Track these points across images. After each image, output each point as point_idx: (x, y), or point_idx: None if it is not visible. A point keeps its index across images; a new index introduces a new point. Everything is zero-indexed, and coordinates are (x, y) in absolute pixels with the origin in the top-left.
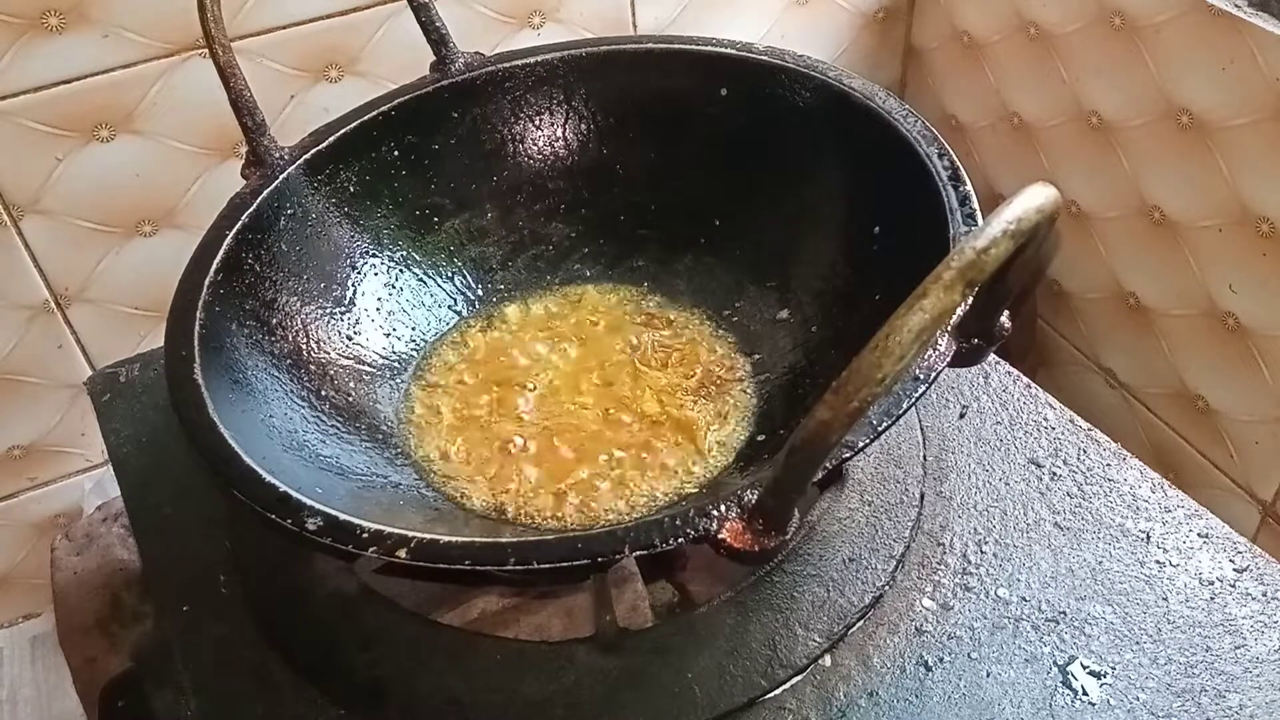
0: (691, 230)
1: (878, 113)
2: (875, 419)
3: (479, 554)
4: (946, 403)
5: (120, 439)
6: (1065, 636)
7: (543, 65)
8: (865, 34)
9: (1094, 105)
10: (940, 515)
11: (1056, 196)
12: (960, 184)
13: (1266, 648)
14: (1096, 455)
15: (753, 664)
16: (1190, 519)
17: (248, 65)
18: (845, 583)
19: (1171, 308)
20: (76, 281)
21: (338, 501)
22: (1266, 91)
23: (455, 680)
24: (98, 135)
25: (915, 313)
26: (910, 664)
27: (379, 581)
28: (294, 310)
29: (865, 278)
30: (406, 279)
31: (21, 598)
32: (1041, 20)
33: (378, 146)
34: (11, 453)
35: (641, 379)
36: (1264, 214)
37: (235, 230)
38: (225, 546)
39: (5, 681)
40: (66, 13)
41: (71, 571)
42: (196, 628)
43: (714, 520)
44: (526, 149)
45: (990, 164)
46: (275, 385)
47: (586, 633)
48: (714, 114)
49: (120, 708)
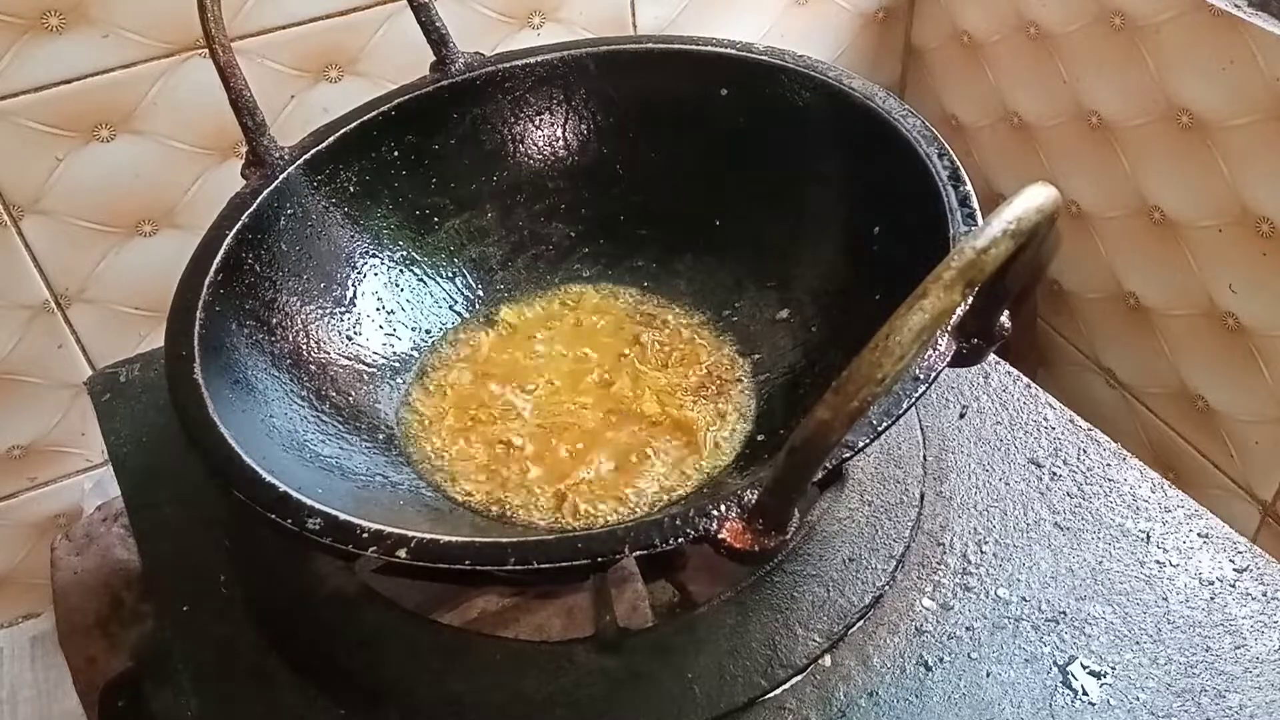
0: (691, 230)
1: (878, 113)
2: (875, 419)
3: (479, 554)
4: (946, 403)
5: (120, 439)
6: (1065, 636)
7: (543, 65)
8: (865, 34)
9: (1094, 105)
10: (940, 515)
11: (1056, 196)
12: (960, 184)
13: (1266, 648)
14: (1096, 455)
15: (753, 664)
16: (1190, 519)
17: (248, 65)
18: (845, 583)
19: (1171, 308)
20: (76, 281)
21: (338, 501)
22: (1266, 91)
23: (455, 680)
24: (98, 135)
25: (915, 313)
26: (910, 664)
27: (379, 581)
28: (294, 310)
29: (865, 278)
30: (406, 279)
31: (21, 598)
32: (1041, 20)
33: (378, 146)
34: (11, 453)
35: (641, 379)
36: (1264, 214)
37: (235, 230)
38: (225, 546)
39: (5, 681)
40: (66, 13)
41: (71, 571)
42: (196, 628)
43: (714, 520)
44: (526, 149)
45: (990, 164)
46: (275, 385)
47: (586, 633)
48: (714, 114)
49: (120, 708)
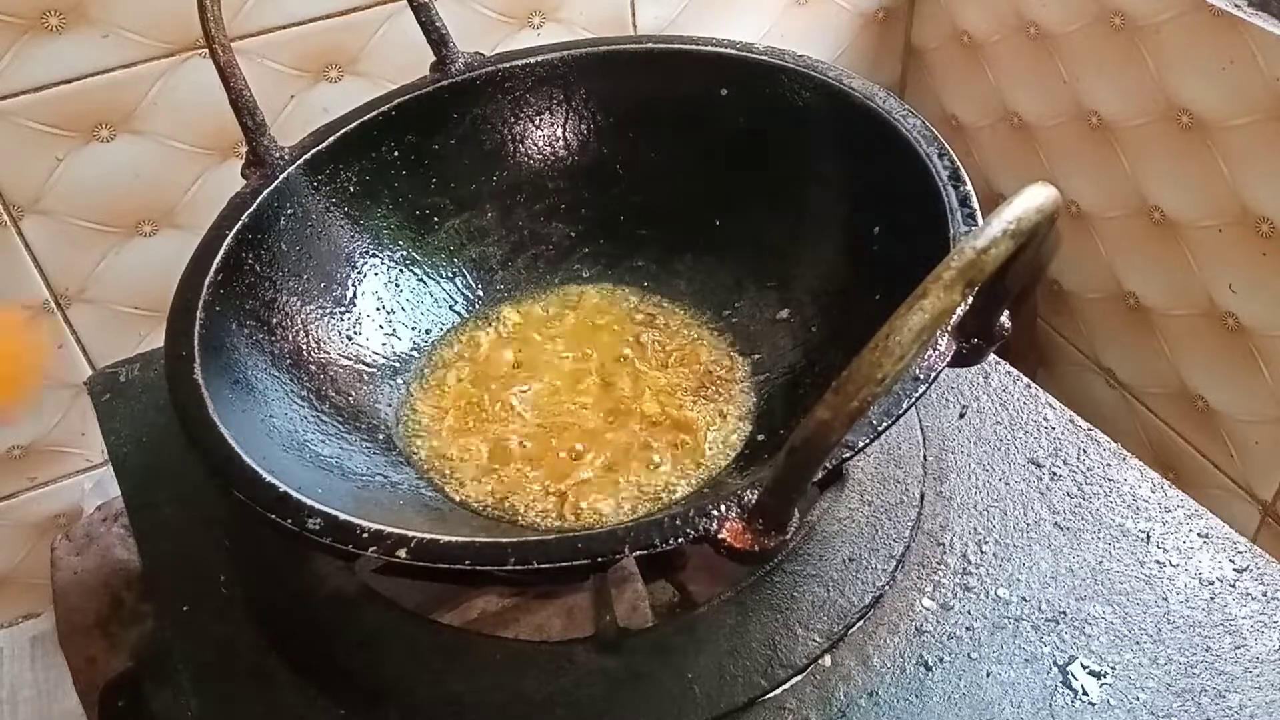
0: (691, 230)
1: (878, 112)
2: (875, 419)
3: (479, 554)
4: (946, 403)
5: (120, 439)
6: (1065, 636)
7: (543, 65)
8: (865, 34)
9: (1094, 105)
10: (940, 515)
11: (1056, 196)
12: (960, 184)
13: (1266, 648)
14: (1096, 455)
15: (753, 664)
16: (1190, 519)
17: (248, 65)
18: (845, 583)
19: (1171, 308)
20: (76, 281)
21: (338, 501)
22: (1266, 91)
23: (455, 680)
24: (98, 135)
25: (915, 313)
26: (910, 664)
27: (379, 581)
28: (294, 310)
29: (865, 278)
30: (406, 279)
31: (21, 598)
32: (1041, 20)
33: (378, 146)
34: (11, 453)
35: (641, 379)
36: (1264, 214)
37: (235, 230)
38: (225, 546)
39: (5, 681)
40: (66, 13)
41: (71, 571)
42: (196, 628)
43: (714, 520)
44: (526, 149)
45: (990, 164)
46: (275, 385)
47: (586, 633)
48: (714, 114)
49: (120, 708)
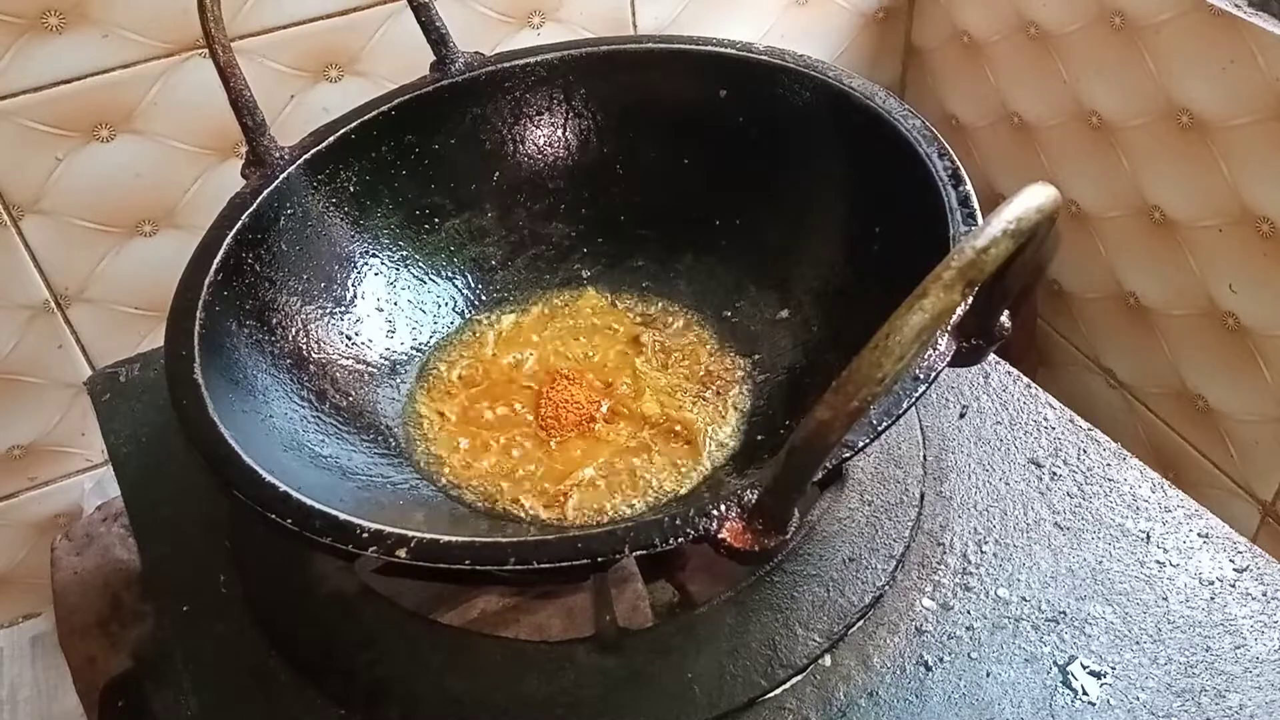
0: (691, 230)
1: (878, 113)
2: (875, 419)
3: (479, 554)
4: (946, 403)
5: (120, 439)
6: (1065, 636)
7: (543, 65)
8: (865, 34)
9: (1094, 105)
10: (940, 515)
11: (1056, 196)
12: (960, 184)
13: (1266, 648)
14: (1096, 455)
15: (753, 664)
16: (1190, 519)
17: (248, 65)
18: (845, 583)
19: (1171, 308)
20: (76, 281)
21: (338, 501)
22: (1266, 91)
23: (455, 680)
24: (98, 135)
25: (915, 312)
26: (910, 664)
27: (379, 581)
28: (294, 310)
29: (865, 278)
30: (407, 279)
31: (21, 598)
32: (1041, 20)
33: (378, 146)
34: (11, 453)
35: (641, 379)
36: (1264, 214)
37: (235, 230)
38: (225, 546)
39: (5, 681)
40: (66, 13)
41: (71, 571)
42: (196, 628)
43: (714, 520)
44: (526, 149)
45: (990, 164)
46: (275, 385)
47: (586, 633)
48: (714, 114)
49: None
